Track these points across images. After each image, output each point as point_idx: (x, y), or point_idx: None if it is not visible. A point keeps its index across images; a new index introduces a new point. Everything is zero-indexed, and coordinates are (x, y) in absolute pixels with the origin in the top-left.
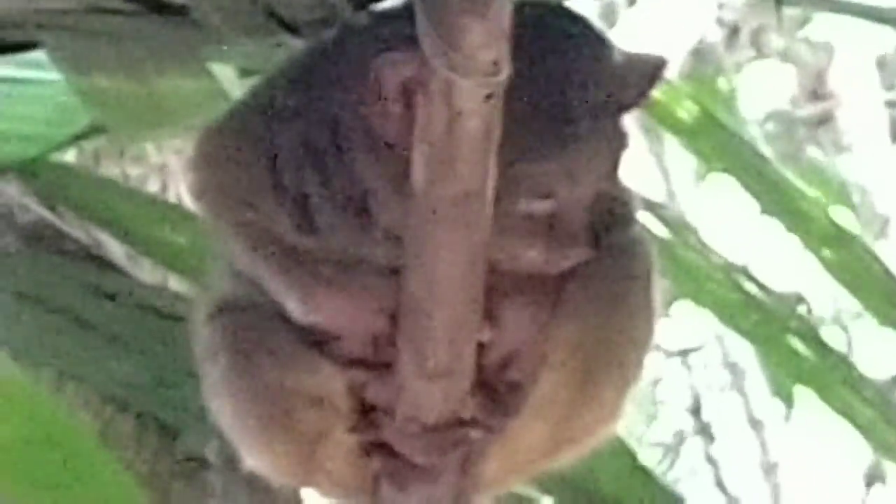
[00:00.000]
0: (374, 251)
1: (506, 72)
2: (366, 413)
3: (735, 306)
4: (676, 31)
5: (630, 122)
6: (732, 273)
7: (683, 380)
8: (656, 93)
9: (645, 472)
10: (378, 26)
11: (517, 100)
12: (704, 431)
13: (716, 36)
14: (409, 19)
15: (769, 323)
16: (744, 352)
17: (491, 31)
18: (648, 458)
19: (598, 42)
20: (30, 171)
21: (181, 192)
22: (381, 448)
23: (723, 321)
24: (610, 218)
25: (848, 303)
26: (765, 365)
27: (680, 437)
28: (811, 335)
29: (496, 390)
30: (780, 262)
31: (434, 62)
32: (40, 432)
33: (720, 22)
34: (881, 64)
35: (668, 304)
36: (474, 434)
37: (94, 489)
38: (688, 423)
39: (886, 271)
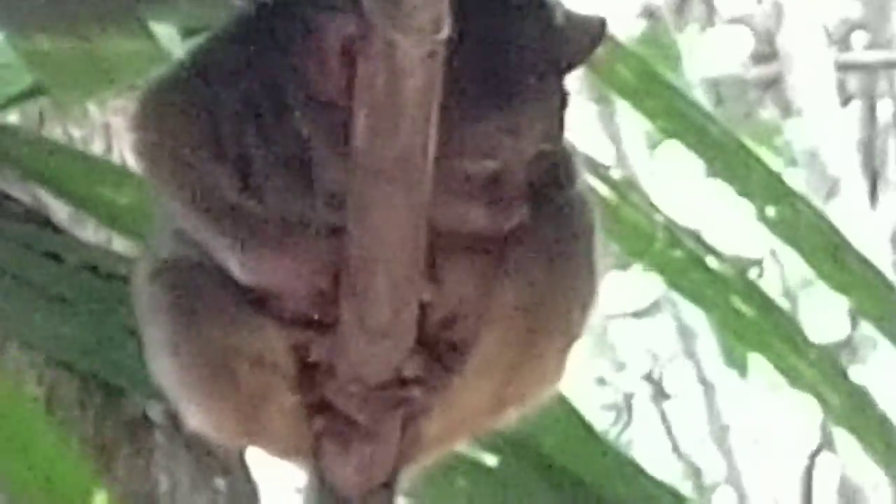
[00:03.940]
0: (315, 211)
1: (446, 30)
2: (308, 372)
3: (681, 268)
4: None
5: (580, 85)
6: (679, 235)
7: (637, 342)
8: (602, 53)
9: (592, 433)
10: None
11: (459, 59)
12: (657, 394)
13: None
14: None
15: (715, 284)
16: (696, 315)
17: None
18: (600, 421)
19: (539, 1)
20: None
21: (125, 152)
22: (324, 408)
23: (669, 283)
24: (552, 177)
25: (796, 269)
26: (715, 328)
27: (631, 400)
28: (758, 297)
29: (438, 349)
30: (732, 225)
31: (374, 20)
32: None
33: None
34: (830, 26)
35: (620, 266)
36: (416, 393)
37: (36, 458)
38: (641, 386)
39: (834, 230)
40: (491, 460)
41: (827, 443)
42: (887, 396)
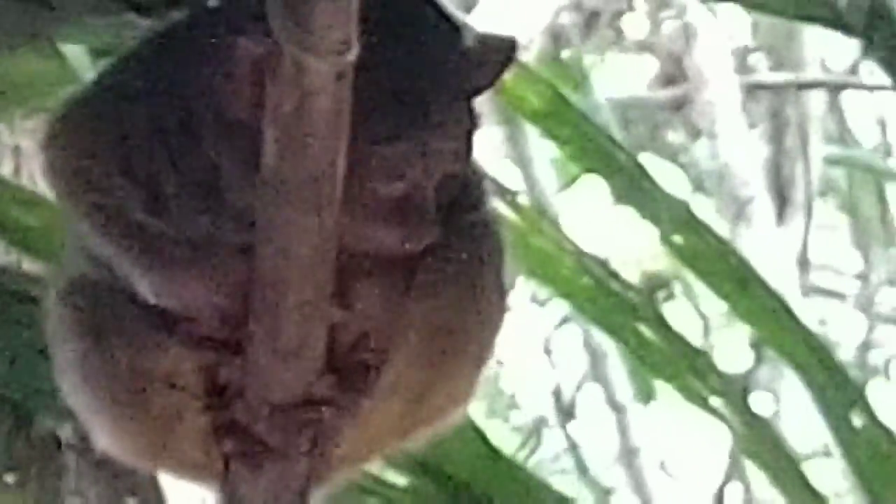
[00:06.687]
0: (225, 231)
1: (355, 51)
2: (218, 394)
3: (589, 295)
4: (533, 15)
5: (489, 108)
6: (586, 262)
7: (545, 365)
8: (509, 76)
9: (499, 455)
10: (229, 7)
11: (369, 81)
12: (566, 416)
13: (573, 19)
14: (260, 0)
15: (623, 312)
16: (605, 337)
17: (340, 11)
18: (510, 443)
19: (449, 23)
20: None
21: (34, 173)
22: (233, 428)
23: (577, 309)
24: (461, 199)
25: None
26: (623, 354)
27: (541, 422)
28: (664, 325)
29: (348, 370)
30: (641, 248)
31: (283, 41)
32: None
33: (578, 5)
34: (737, 47)
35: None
36: (326, 414)
37: None
38: (550, 409)
39: (740, 259)
40: (401, 480)
41: (737, 470)
42: (792, 426)
